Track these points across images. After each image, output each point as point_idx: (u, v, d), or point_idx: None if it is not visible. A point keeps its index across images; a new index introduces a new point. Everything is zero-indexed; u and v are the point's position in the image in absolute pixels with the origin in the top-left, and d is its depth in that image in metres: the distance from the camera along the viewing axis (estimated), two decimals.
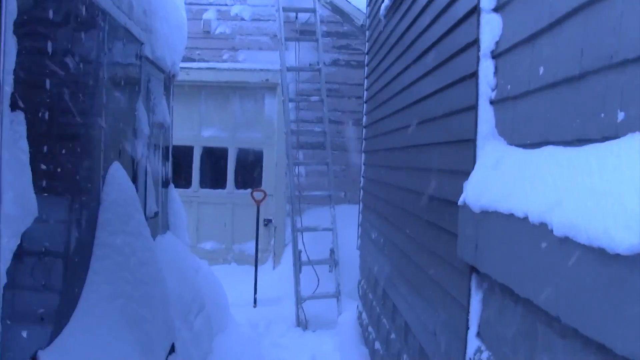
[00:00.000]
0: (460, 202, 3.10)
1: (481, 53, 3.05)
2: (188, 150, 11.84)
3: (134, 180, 5.72)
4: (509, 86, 2.77)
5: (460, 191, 3.28)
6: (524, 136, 2.57)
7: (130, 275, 4.53)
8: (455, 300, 3.41)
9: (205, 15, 11.44)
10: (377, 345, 6.54)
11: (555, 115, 2.26)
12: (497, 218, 2.55)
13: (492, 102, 2.99)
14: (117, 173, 4.80)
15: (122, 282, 4.38)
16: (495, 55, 2.96)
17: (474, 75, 3.14)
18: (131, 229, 4.75)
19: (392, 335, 5.67)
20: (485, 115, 3.00)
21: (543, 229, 2.02)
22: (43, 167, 3.37)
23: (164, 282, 5.30)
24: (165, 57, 6.73)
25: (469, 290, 3.08)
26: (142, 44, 5.83)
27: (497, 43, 2.95)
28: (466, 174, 3.20)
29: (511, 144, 2.73)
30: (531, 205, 2.15)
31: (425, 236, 4.26)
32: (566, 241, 1.86)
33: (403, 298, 5.08)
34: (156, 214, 6.49)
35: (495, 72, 2.96)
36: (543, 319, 2.15)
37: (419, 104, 4.65)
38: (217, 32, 11.45)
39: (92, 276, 4.14)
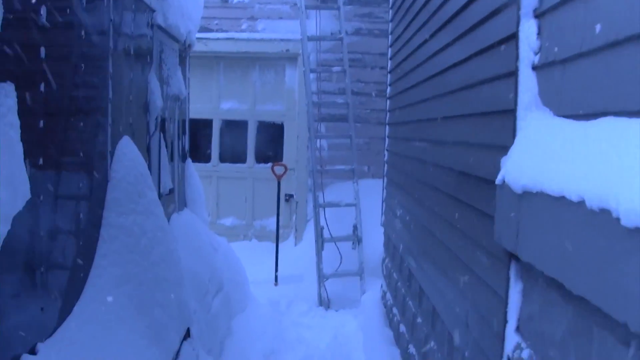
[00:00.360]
0: (498, 181, 2.77)
1: (522, 12, 2.71)
2: (207, 124, 11.59)
3: (147, 155, 5.46)
4: (555, 49, 2.43)
5: (497, 168, 2.96)
6: (576, 106, 2.23)
7: (141, 258, 4.27)
8: (490, 289, 3.10)
9: None
10: (402, 328, 6.25)
11: (616, 80, 1.92)
12: (543, 200, 2.23)
13: (534, 68, 2.65)
14: (127, 148, 4.51)
15: (131, 265, 4.12)
16: (539, 14, 2.62)
17: (513, 37, 2.80)
18: (142, 207, 4.47)
19: (419, 320, 5.37)
20: (527, 82, 2.67)
21: (605, 217, 1.70)
22: (43, 142, 3.10)
23: (178, 263, 5.03)
24: (179, 25, 6.41)
25: (508, 279, 2.76)
26: (154, 11, 5.53)
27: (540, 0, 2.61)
28: (504, 148, 2.87)
29: (559, 115, 2.40)
30: (588, 187, 1.82)
31: (456, 216, 3.94)
32: (638, 233, 1.54)
33: (431, 281, 4.78)
34: (171, 190, 6.21)
35: (539, 34, 2.62)
36: (602, 323, 1.84)
37: (450, 71, 4.31)
38: (235, 1, 11.13)
39: (99, 260, 3.87)
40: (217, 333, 6.40)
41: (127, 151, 4.47)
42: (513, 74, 2.81)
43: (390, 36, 8.23)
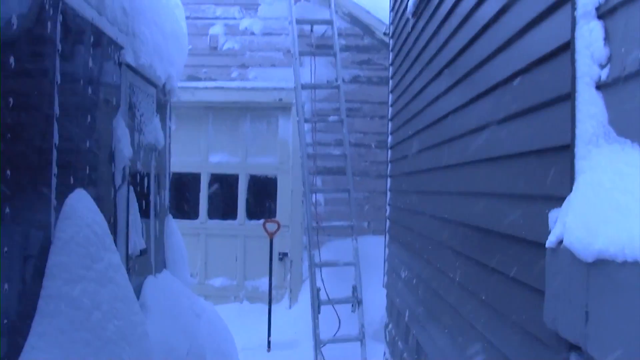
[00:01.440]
0: (549, 243, 2.02)
1: (579, 12, 1.98)
2: (194, 178, 10.91)
3: (112, 211, 4.71)
4: (635, 57, 1.70)
5: (542, 224, 2.21)
6: None
7: (91, 336, 3.49)
8: None
9: (212, 30, 10.55)
10: None
11: None
12: (634, 273, 1.48)
13: (600, 87, 1.92)
14: (79, 204, 3.75)
15: (78, 345, 3.34)
16: (606, 13, 1.89)
17: (566, 47, 2.07)
18: (96, 274, 3.70)
19: None
20: (590, 107, 1.93)
21: None
22: None
23: (144, 339, 4.24)
24: (155, 67, 5.71)
25: None
26: (122, 47, 4.83)
27: None
28: (554, 199, 2.13)
29: None
30: None
31: (481, 286, 3.17)
32: None
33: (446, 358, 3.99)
34: (144, 251, 5.44)
35: (606, 39, 1.88)
36: None
37: (469, 108, 3.58)
38: (225, 48, 10.53)
39: (34, 340, 3.11)
40: None
41: (78, 207, 3.72)
42: (566, 97, 2.08)
43: (390, 81, 7.56)
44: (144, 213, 5.66)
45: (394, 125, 7.24)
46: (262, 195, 10.97)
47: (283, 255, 10.49)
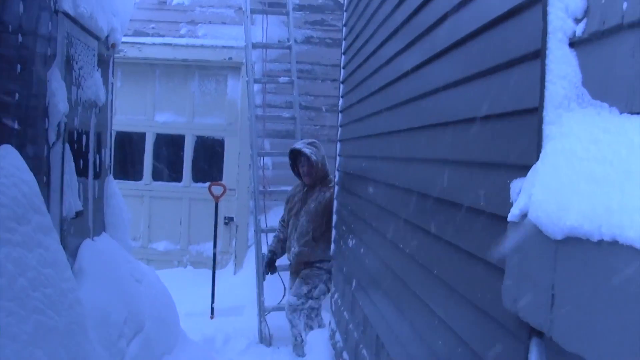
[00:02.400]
0: (512, 217, 1.83)
1: None
2: (139, 138, 10.58)
3: (45, 170, 4.44)
4: (624, 5, 1.50)
5: (503, 195, 2.02)
6: None
7: (15, 304, 3.24)
8: None
9: None
10: None
11: None
12: (616, 254, 1.30)
13: (574, 44, 1.72)
14: (5, 161, 3.48)
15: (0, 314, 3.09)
16: None
17: (534, 3, 1.87)
18: (22, 237, 3.43)
19: None
20: (561, 66, 1.74)
21: None
22: None
23: (76, 306, 3.99)
24: (97, 18, 5.40)
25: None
26: None
27: None
28: (517, 167, 1.94)
29: (627, 111, 1.47)
30: None
31: (433, 259, 2.98)
32: None
33: (393, 334, 3.81)
34: (80, 213, 5.16)
35: None
36: None
37: (424, 69, 3.37)
38: (174, 3, 10.16)
39: None
40: None
41: (4, 164, 3.44)
42: (532, 57, 1.88)
43: (344, 42, 7.30)
44: (82, 173, 5.37)
45: (345, 88, 7.01)
46: (209, 157, 10.70)
47: (229, 220, 10.26)
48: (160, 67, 10.41)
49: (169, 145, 10.69)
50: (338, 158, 7.28)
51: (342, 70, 7.23)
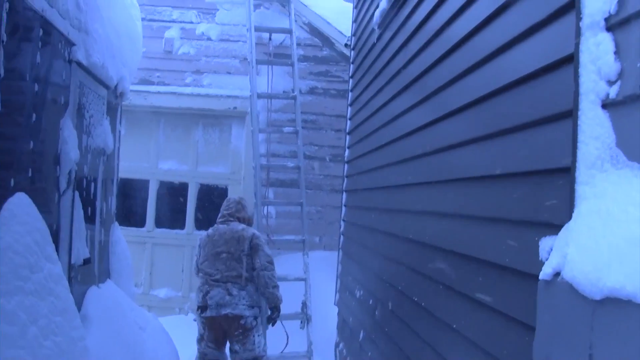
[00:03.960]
0: (544, 275, 1.83)
1: (584, 23, 1.80)
2: (143, 185, 10.55)
3: (55, 218, 4.43)
4: None
5: (531, 252, 2.02)
6: None
7: (27, 353, 3.22)
8: None
9: (168, 34, 10.24)
10: None
11: None
12: None
13: (606, 105, 1.74)
14: (20, 209, 3.48)
15: None
16: (614, 25, 1.72)
17: (566, 62, 1.89)
18: (34, 286, 3.43)
19: None
20: (594, 127, 1.75)
21: None
22: None
23: (84, 355, 3.96)
24: (107, 67, 5.44)
25: None
26: (73, 44, 4.56)
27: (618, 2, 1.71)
28: (547, 226, 1.95)
29: None
30: None
31: (450, 313, 2.97)
32: None
33: None
34: (88, 260, 5.15)
35: (617, 53, 1.70)
36: None
37: (439, 125, 3.39)
38: (180, 52, 10.23)
39: None
40: None
41: (19, 212, 3.44)
42: (567, 115, 1.90)
43: (350, 93, 7.36)
44: (89, 220, 5.37)
45: (351, 139, 7.05)
46: (212, 206, 10.66)
47: None
48: (165, 115, 10.44)
49: (172, 192, 10.68)
50: (344, 208, 7.28)
51: (349, 122, 7.28)
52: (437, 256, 3.25)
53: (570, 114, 1.85)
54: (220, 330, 6.39)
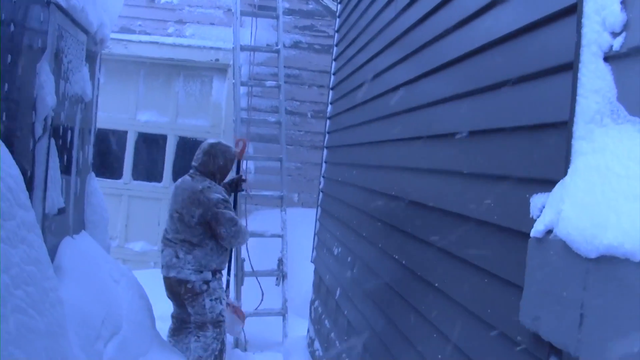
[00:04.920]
0: (536, 233, 1.77)
1: None
2: (120, 136, 10.44)
3: (30, 165, 4.32)
4: None
5: (522, 210, 1.96)
6: None
7: None
8: None
9: None
10: None
11: None
12: None
13: (609, 58, 1.66)
14: None
15: None
16: None
17: (571, 11, 1.81)
18: (6, 233, 3.32)
19: None
20: (595, 80, 1.68)
21: None
22: None
23: (57, 306, 3.87)
24: (87, 12, 5.29)
25: None
26: None
27: None
28: (540, 182, 1.88)
29: None
30: None
31: (433, 271, 2.91)
32: None
33: (386, 349, 3.72)
34: (62, 210, 5.05)
35: (624, 3, 1.62)
36: None
37: (429, 78, 3.30)
38: (162, 1, 10.04)
39: None
40: None
41: None
42: (564, 68, 1.82)
43: (335, 48, 7.23)
44: (65, 169, 5.25)
45: (335, 95, 6.94)
46: (191, 159, 10.51)
47: None
48: (146, 65, 10.29)
49: (151, 144, 10.56)
50: (324, 165, 7.21)
51: (333, 77, 7.17)
52: (421, 213, 3.18)
53: (568, 67, 1.78)
54: (173, 291, 6.33)
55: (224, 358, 6.48)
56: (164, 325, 7.77)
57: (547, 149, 1.91)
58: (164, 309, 8.00)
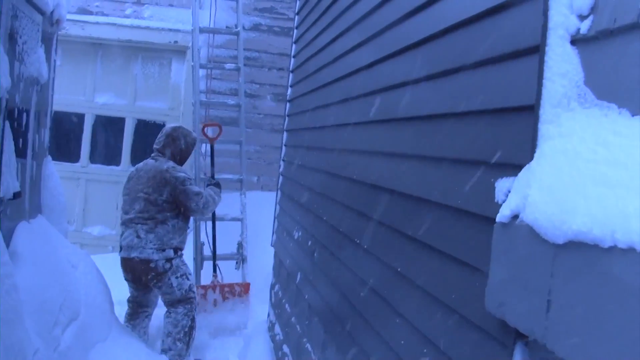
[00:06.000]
0: (501, 218, 1.76)
1: None
2: (78, 118, 10.29)
3: None
4: (631, 7, 1.43)
5: (486, 194, 1.95)
6: None
7: None
8: None
9: None
10: None
11: None
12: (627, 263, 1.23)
13: (576, 41, 1.65)
14: None
15: None
16: None
17: None
18: None
19: None
20: (561, 63, 1.67)
21: None
22: None
23: (12, 293, 3.80)
24: None
25: None
26: None
27: None
28: (505, 166, 1.87)
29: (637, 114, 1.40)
30: None
31: (395, 256, 2.90)
32: None
33: (346, 333, 3.71)
34: (17, 194, 4.94)
35: None
36: None
37: (390, 61, 3.28)
38: None
39: None
40: None
41: None
42: (531, 52, 1.80)
43: (295, 31, 7.18)
44: (21, 152, 5.14)
45: (295, 77, 6.89)
46: (150, 142, 10.39)
47: None
48: (103, 47, 10.15)
49: (109, 127, 10.43)
50: (284, 148, 7.17)
51: (293, 59, 7.12)
52: (383, 198, 3.16)
53: (535, 50, 1.76)
54: (135, 273, 6.37)
55: (193, 335, 6.55)
56: (122, 310, 7.72)
57: (512, 133, 1.89)
58: (122, 293, 7.93)
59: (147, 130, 10.43)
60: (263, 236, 8.24)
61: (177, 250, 6.28)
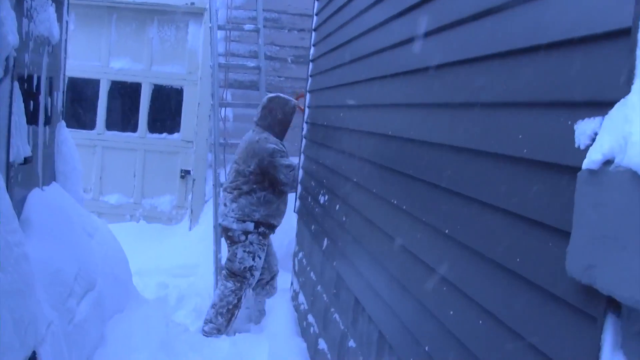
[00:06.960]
0: (590, 164, 1.46)
1: None
2: (93, 84, 10.06)
3: None
4: None
5: (561, 139, 1.65)
6: None
7: None
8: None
9: None
10: (323, 344, 4.94)
11: None
12: None
13: None
14: None
15: None
16: None
17: None
18: None
19: (351, 343, 4.06)
20: None
21: None
22: None
23: (22, 263, 3.55)
24: None
25: (599, 345, 1.45)
26: None
27: None
28: (587, 105, 1.57)
29: None
30: None
31: (446, 220, 2.58)
32: None
33: (385, 304, 3.42)
34: (28, 159, 4.69)
35: None
36: None
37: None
38: None
39: None
40: (84, 345, 4.96)
41: None
42: None
43: None
44: (32, 116, 4.90)
45: (318, 36, 6.58)
46: (166, 108, 10.23)
47: (185, 173, 9.90)
48: (118, 10, 9.87)
49: (124, 93, 10.19)
50: (307, 109, 6.87)
51: (315, 17, 6.80)
52: (426, 153, 2.85)
53: None
54: (226, 239, 6.79)
55: (236, 314, 6.66)
56: (140, 280, 7.53)
57: (597, 65, 1.59)
58: (140, 263, 7.74)
59: (164, 95, 10.18)
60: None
61: (259, 225, 6.51)
